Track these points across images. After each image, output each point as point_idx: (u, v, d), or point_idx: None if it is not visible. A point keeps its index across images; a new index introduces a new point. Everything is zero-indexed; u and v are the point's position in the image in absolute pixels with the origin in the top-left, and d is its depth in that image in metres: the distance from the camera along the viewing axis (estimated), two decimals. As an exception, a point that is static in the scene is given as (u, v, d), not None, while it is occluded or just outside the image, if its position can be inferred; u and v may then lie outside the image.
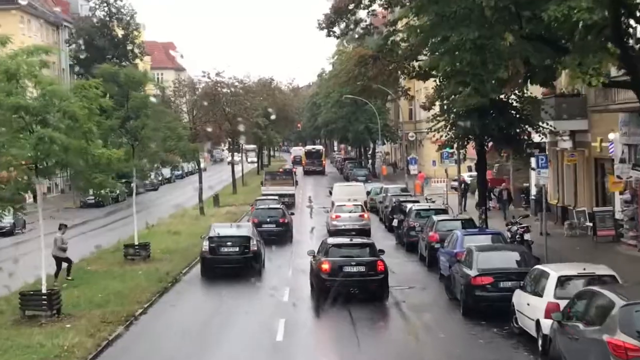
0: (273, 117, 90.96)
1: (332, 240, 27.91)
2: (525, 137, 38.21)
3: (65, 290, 27.32)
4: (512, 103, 38.47)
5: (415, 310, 25.53)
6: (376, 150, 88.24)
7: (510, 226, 35.71)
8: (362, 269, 25.64)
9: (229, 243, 31.54)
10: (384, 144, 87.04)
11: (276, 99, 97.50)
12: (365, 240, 28.50)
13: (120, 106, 34.93)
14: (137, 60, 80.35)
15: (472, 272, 24.26)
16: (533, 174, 51.92)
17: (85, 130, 22.98)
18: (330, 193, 57.86)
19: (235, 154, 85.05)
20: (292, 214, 46.27)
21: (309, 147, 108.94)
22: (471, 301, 23.86)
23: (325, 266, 25.49)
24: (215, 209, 61.91)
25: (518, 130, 37.97)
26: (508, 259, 24.88)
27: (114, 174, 27.49)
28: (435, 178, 68.63)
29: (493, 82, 26.87)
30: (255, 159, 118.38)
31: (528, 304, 20.38)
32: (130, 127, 35.76)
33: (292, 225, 43.67)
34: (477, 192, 49.13)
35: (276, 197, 52.04)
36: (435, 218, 35.84)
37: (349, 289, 25.24)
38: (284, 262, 35.85)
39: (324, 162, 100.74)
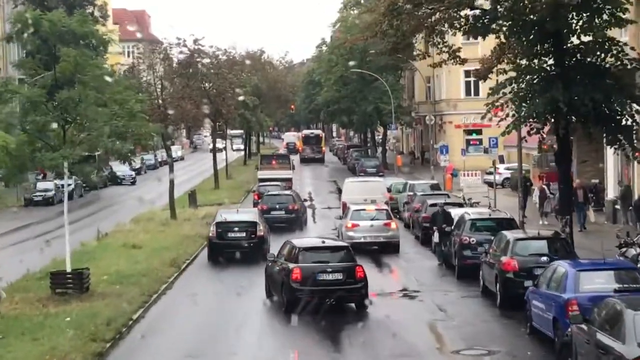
0: (262, 96, 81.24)
1: (300, 243, 25.37)
2: (630, 118, 28.24)
3: None
4: (610, 68, 28.48)
5: None
6: (388, 136, 77.79)
7: (624, 248, 25.49)
8: (339, 276, 23.58)
9: (235, 228, 33.16)
10: (397, 128, 76.71)
11: (267, 74, 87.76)
12: (339, 243, 26.45)
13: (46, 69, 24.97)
14: (98, 26, 70.02)
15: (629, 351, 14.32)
16: (610, 167, 41.82)
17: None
18: (339, 191, 48.01)
19: (219, 140, 76.42)
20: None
21: (306, 132, 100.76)
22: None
23: (297, 274, 23.35)
24: (191, 209, 51.59)
25: (619, 109, 27.97)
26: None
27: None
28: (464, 171, 58.67)
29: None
30: (241, 146, 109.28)
31: None
32: (60, 99, 25.71)
33: (303, 212, 44.45)
34: (534, 195, 40.46)
35: (278, 183, 51.19)
36: (510, 236, 25.63)
37: (325, 299, 23.16)
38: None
39: (323, 149, 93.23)
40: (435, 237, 33.17)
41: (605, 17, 27.79)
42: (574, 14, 27.86)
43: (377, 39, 32.60)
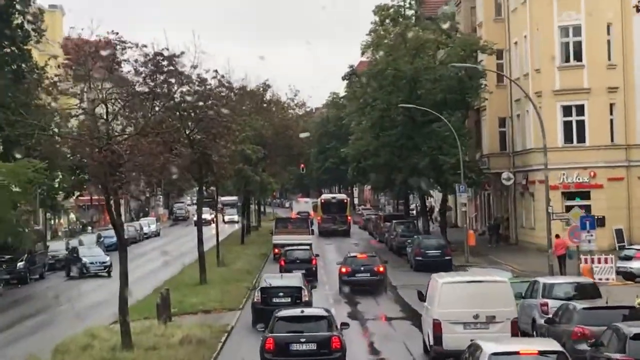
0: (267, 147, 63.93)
1: (280, 312, 26.27)
2: None
3: None
4: None
5: None
6: (461, 202, 58.52)
7: None
8: (312, 346, 24.59)
9: (280, 293, 34.34)
10: (466, 190, 57.73)
11: (272, 116, 70.20)
12: (318, 312, 26.67)
13: None
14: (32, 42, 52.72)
15: None
16: None
17: None
18: (421, 296, 29.99)
19: (205, 209, 65.61)
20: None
21: (326, 197, 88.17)
22: None
23: (269, 343, 24.61)
24: (159, 325, 33.15)
25: None
26: None
27: None
28: (583, 252, 40.96)
29: None
30: (235, 217, 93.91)
31: None
32: None
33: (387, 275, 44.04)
34: None
35: (307, 246, 50.85)
36: None
37: None
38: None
39: (349, 218, 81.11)
40: None
41: None
42: None
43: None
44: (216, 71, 44.23)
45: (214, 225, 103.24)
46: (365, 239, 77.35)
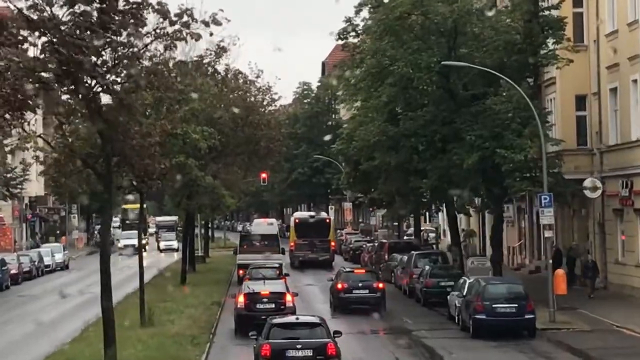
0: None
1: (275, 319, 27.96)
2: None
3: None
4: None
5: None
6: (544, 222, 38.68)
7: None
8: (309, 353, 26.14)
9: (264, 299, 36.08)
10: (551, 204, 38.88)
11: (234, 97, 53.13)
12: (312, 319, 28.27)
13: None
14: None
15: None
16: None
17: None
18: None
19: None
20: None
21: (301, 215, 76.24)
22: None
23: (266, 350, 26.08)
24: None
25: None
26: None
27: None
28: None
29: None
30: (174, 244, 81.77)
31: None
32: None
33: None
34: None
35: (276, 265, 47.75)
36: None
37: None
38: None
39: (332, 243, 69.31)
40: None
41: None
42: None
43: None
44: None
45: (145, 254, 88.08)
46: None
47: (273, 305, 35.44)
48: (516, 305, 33.47)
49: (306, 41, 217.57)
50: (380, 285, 42.17)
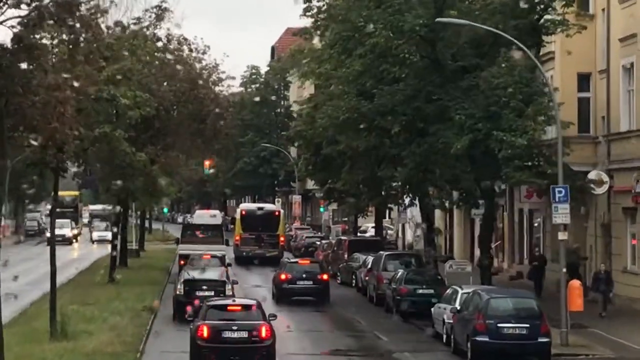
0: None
1: (212, 302, 28.53)
2: None
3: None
4: None
5: None
6: (556, 221, 30.83)
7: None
8: (244, 334, 26.70)
9: (204, 287, 35.91)
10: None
11: (171, 66, 45.75)
12: (248, 301, 29.00)
13: None
14: None
15: None
16: None
17: None
18: None
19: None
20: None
21: (248, 207, 70.58)
22: None
23: (202, 331, 26.43)
24: None
25: None
26: None
27: None
28: None
29: None
30: (107, 235, 71.62)
31: None
32: None
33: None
34: None
35: (218, 255, 45.29)
36: None
37: (230, 357, 26.44)
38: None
39: (281, 238, 64.23)
40: None
41: None
42: None
43: None
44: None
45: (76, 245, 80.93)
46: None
47: (212, 293, 34.97)
48: (527, 325, 26.56)
49: (255, 27, 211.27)
50: (325, 276, 41.92)
